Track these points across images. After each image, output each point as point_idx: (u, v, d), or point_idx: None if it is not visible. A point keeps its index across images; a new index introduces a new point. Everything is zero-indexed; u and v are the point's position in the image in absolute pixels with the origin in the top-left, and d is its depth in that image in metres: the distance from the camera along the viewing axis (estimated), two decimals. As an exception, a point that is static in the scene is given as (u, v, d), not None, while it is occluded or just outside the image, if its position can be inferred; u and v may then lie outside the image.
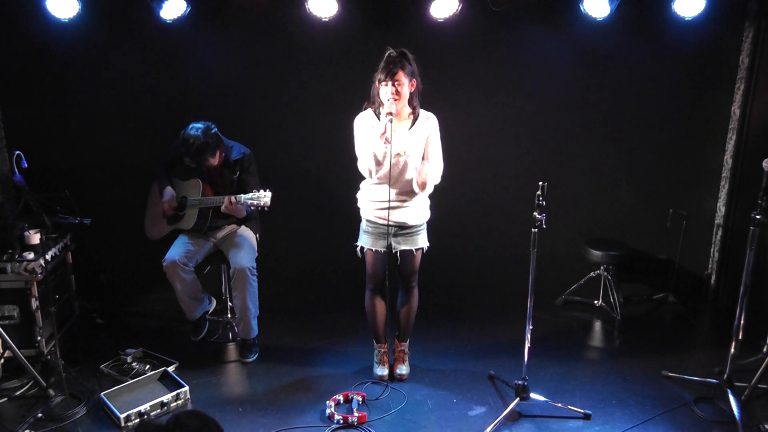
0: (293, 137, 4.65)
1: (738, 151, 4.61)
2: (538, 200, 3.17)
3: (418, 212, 3.56)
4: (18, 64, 4.37)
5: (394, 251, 3.59)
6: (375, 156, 3.42)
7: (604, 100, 4.67)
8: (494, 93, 4.63)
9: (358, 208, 3.67)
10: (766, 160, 3.17)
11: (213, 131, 3.79)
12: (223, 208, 3.77)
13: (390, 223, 3.51)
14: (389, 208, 3.46)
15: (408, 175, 3.47)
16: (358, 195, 3.67)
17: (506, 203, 4.76)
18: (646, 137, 4.73)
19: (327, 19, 4.10)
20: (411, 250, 3.59)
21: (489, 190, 4.82)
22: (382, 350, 3.89)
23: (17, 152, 3.58)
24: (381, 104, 3.39)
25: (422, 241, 3.62)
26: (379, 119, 3.43)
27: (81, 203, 3.80)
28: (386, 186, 3.43)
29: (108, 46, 4.38)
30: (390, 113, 3.31)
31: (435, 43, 4.32)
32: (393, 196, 3.48)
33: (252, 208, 3.76)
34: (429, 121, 3.49)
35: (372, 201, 3.56)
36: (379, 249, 3.59)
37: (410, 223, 3.55)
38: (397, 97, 3.33)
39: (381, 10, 4.34)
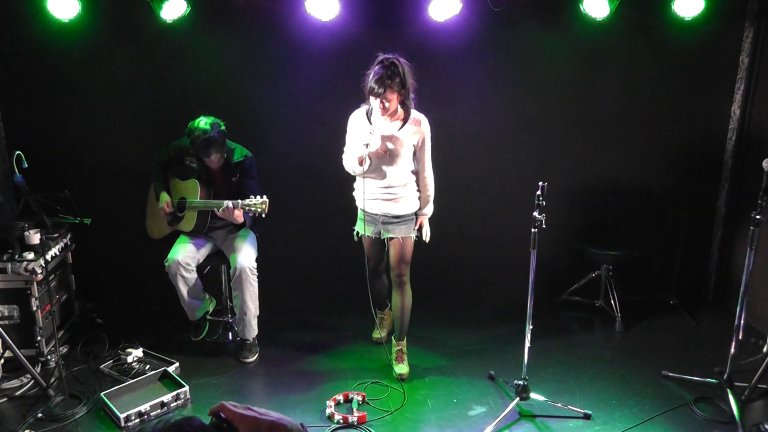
0: (293, 138, 4.64)
1: (738, 151, 4.61)
2: (538, 200, 3.18)
3: (404, 203, 3.67)
4: (18, 64, 4.37)
5: (383, 238, 3.72)
6: (353, 168, 3.61)
7: (603, 100, 4.66)
8: (494, 93, 4.62)
9: (354, 197, 3.81)
10: (766, 160, 3.17)
11: (221, 128, 3.78)
12: (219, 212, 3.76)
13: (378, 213, 3.67)
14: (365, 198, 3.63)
15: (394, 168, 3.58)
16: (355, 185, 3.82)
17: (506, 203, 4.75)
18: (645, 137, 4.72)
19: (327, 21, 4.10)
20: (398, 238, 3.68)
21: (489, 190, 4.81)
22: (381, 315, 4.19)
23: (17, 152, 3.57)
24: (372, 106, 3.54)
25: (409, 230, 3.70)
26: (369, 120, 3.58)
27: (81, 203, 3.80)
28: (373, 179, 3.62)
29: (108, 46, 4.38)
30: (367, 144, 3.45)
31: (435, 43, 4.32)
32: (380, 188, 3.63)
33: (250, 214, 3.76)
34: (421, 125, 3.56)
35: (362, 192, 3.67)
36: (371, 235, 3.74)
37: (396, 213, 3.66)
38: (384, 112, 3.47)
39: (381, 11, 4.33)
